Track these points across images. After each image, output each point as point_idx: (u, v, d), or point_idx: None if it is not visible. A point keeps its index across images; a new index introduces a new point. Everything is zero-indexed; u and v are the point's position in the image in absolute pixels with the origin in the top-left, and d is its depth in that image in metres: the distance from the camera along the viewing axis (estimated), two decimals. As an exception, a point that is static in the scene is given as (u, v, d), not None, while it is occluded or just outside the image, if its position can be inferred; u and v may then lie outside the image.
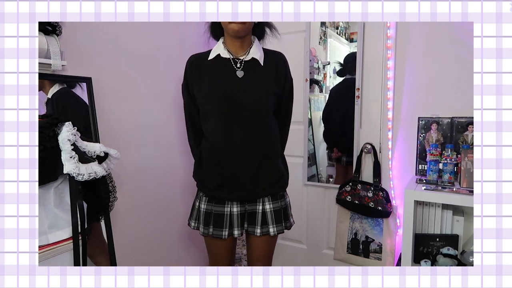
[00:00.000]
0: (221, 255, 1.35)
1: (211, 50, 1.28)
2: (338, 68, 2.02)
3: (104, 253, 1.28)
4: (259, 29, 1.30)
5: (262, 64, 1.26)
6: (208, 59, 1.26)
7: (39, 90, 1.26)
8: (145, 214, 1.73)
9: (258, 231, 1.29)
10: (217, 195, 1.29)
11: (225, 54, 1.24)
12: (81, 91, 1.37)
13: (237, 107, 1.22)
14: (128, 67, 1.59)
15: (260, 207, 1.29)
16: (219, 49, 1.26)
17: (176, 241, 1.93)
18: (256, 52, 1.25)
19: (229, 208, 1.29)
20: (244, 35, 1.22)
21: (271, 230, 1.29)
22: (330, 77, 2.10)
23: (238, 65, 1.24)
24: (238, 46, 1.24)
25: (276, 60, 1.30)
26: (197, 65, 1.28)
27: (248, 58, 1.24)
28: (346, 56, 1.99)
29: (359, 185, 1.84)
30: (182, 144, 1.88)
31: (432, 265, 1.52)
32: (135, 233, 1.68)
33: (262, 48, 1.31)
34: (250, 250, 1.38)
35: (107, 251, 1.27)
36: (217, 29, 1.30)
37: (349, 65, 1.93)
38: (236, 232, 1.29)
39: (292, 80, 1.38)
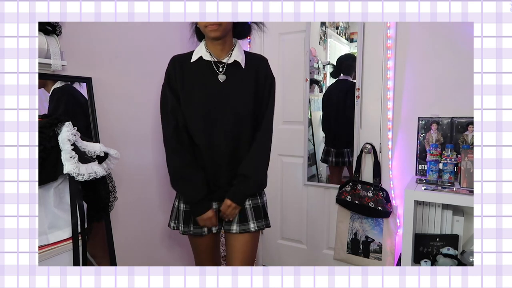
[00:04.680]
0: (204, 252, 1.36)
1: (193, 51, 1.27)
2: (331, 69, 2.02)
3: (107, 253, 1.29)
4: (239, 29, 1.28)
5: (243, 67, 1.25)
6: (191, 61, 1.25)
7: (41, 87, 1.27)
8: (145, 214, 1.73)
9: (235, 228, 1.28)
10: None
11: (207, 57, 1.24)
12: (79, 87, 1.37)
13: (218, 111, 1.22)
14: (128, 67, 1.59)
15: None
16: (201, 51, 1.25)
17: (176, 241, 1.93)
18: (238, 55, 1.25)
19: None
20: (223, 37, 1.20)
21: (251, 226, 1.28)
22: (330, 77, 2.10)
23: (221, 69, 1.24)
24: (219, 49, 1.24)
25: (257, 62, 1.30)
26: (180, 66, 1.25)
27: (230, 61, 1.24)
28: (339, 57, 1.99)
29: (359, 185, 1.84)
30: (182, 144, 1.88)
31: (432, 265, 1.52)
32: (135, 233, 1.68)
33: (244, 51, 1.30)
34: (229, 250, 1.33)
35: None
36: (200, 33, 1.28)
37: (343, 66, 1.94)
38: (214, 228, 1.30)
39: (274, 79, 1.33)
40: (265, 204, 1.36)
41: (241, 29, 1.30)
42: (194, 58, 1.25)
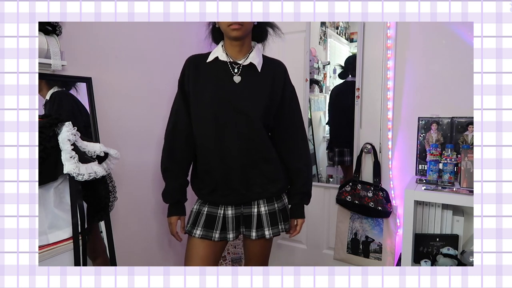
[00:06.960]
0: (202, 262, 1.28)
1: (210, 52, 1.27)
2: (338, 69, 2.02)
3: (99, 258, 1.29)
4: (259, 32, 1.28)
5: (259, 71, 1.24)
6: (207, 61, 1.25)
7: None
8: (145, 214, 1.73)
9: (254, 234, 1.28)
10: (211, 200, 1.29)
11: (223, 57, 1.23)
12: (76, 93, 1.37)
13: (231, 112, 1.21)
14: (128, 67, 1.59)
15: (256, 210, 1.28)
16: (218, 51, 1.24)
17: (176, 241, 1.93)
18: (255, 58, 1.23)
19: (223, 211, 1.28)
20: (243, 37, 1.20)
21: (266, 233, 1.28)
22: (330, 77, 2.11)
23: (236, 70, 1.23)
24: (237, 50, 1.23)
25: (274, 68, 1.29)
26: (195, 65, 1.26)
27: (246, 62, 1.23)
28: (347, 58, 1.99)
29: (359, 185, 1.84)
30: (182, 144, 1.88)
31: (432, 265, 1.52)
32: (135, 233, 1.68)
33: (262, 55, 1.29)
34: (247, 251, 1.40)
35: (101, 256, 1.28)
36: (216, 34, 1.29)
37: (350, 67, 1.94)
38: (231, 236, 1.28)
39: (294, 89, 1.35)
40: (286, 207, 1.36)
41: (261, 32, 1.29)
42: (210, 58, 1.25)
